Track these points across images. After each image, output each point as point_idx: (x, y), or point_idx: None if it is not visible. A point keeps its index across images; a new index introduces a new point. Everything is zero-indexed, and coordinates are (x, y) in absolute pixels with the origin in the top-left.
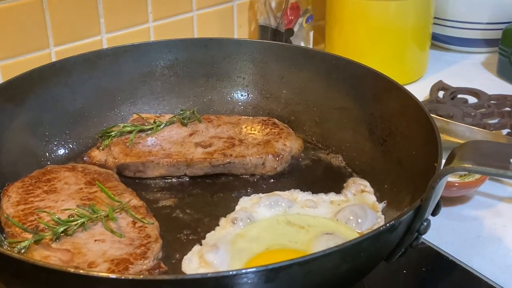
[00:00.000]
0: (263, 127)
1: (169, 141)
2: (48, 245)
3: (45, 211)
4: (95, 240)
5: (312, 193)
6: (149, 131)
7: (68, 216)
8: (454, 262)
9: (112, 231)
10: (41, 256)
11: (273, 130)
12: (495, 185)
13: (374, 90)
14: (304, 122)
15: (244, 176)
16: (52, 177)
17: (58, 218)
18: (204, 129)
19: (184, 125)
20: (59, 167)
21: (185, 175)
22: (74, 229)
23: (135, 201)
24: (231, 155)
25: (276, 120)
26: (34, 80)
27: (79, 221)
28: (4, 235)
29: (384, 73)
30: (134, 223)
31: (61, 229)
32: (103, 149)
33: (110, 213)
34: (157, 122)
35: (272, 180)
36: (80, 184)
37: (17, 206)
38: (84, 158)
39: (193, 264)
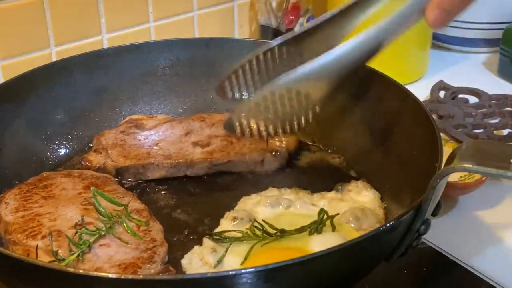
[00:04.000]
0: None
1: (167, 141)
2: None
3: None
4: (100, 245)
5: (312, 192)
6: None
7: (75, 226)
8: (454, 262)
9: (132, 233)
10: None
11: None
12: (495, 185)
13: (375, 90)
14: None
15: (244, 176)
16: (48, 183)
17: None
18: (198, 128)
19: None
20: (55, 173)
21: (186, 175)
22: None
23: (137, 205)
24: (230, 153)
25: None
26: (35, 80)
27: (96, 236)
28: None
29: (385, 73)
30: (138, 227)
31: (85, 247)
32: (100, 153)
33: (110, 224)
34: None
35: (272, 180)
36: (78, 189)
37: (16, 213)
38: (82, 163)
39: (193, 264)
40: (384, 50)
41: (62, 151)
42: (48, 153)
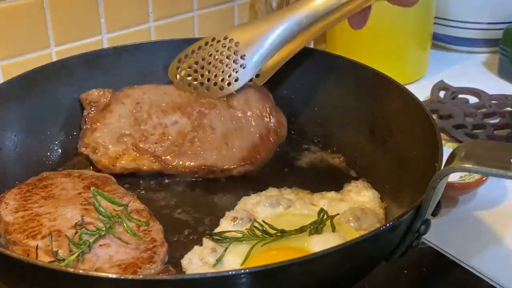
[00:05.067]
0: None
1: None
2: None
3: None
4: (100, 245)
5: (312, 192)
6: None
7: (75, 226)
8: (455, 262)
9: (132, 233)
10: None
11: None
12: (495, 185)
13: (375, 90)
14: (305, 122)
15: (244, 176)
16: (48, 183)
17: (80, 239)
18: None
19: None
20: (55, 173)
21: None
22: (91, 243)
23: (137, 205)
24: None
25: None
26: (34, 80)
27: (96, 236)
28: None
29: (385, 73)
30: (138, 227)
31: (85, 247)
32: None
33: (110, 223)
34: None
35: (272, 180)
36: (78, 189)
37: (16, 213)
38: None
39: (193, 264)
40: (385, 50)
41: (62, 151)
42: (48, 153)
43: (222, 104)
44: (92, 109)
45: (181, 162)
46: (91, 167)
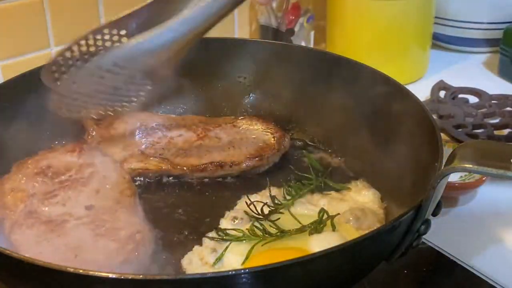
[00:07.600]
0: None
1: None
2: None
3: None
4: None
5: (312, 193)
6: None
7: None
8: (455, 262)
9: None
10: None
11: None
12: (495, 185)
13: (375, 90)
14: (305, 122)
15: (244, 176)
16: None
17: None
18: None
19: None
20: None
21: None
22: None
23: None
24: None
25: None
26: (35, 80)
27: None
28: None
29: (385, 73)
30: None
31: None
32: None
33: None
34: None
35: (272, 180)
36: None
37: None
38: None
39: (193, 264)
40: (385, 50)
41: None
42: None
43: (226, 125)
44: (98, 126)
45: (189, 162)
46: None
